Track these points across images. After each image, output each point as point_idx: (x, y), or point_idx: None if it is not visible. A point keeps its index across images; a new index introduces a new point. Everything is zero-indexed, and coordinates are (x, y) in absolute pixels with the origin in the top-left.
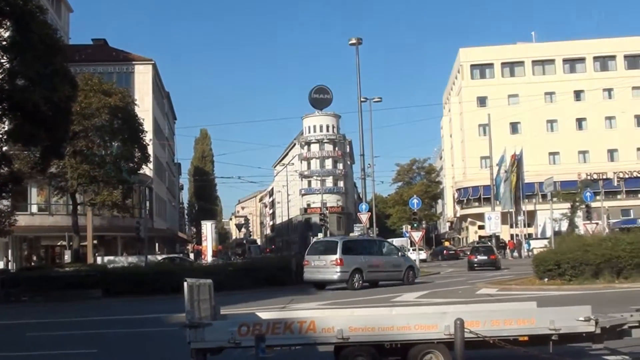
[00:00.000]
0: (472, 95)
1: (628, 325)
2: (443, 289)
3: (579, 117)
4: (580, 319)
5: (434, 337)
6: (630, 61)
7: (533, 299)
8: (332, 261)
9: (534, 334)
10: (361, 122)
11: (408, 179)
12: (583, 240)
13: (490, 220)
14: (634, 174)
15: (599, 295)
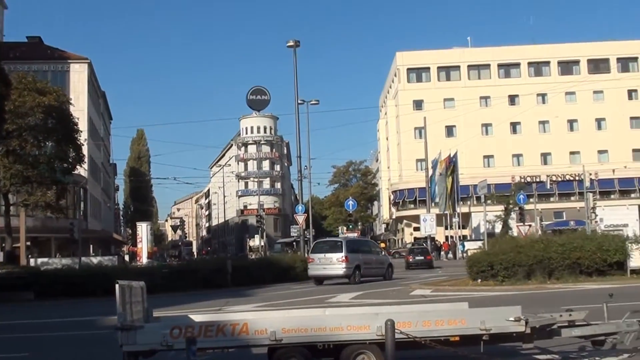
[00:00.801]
0: (408, 99)
1: (557, 325)
2: (378, 290)
3: (513, 121)
4: (511, 319)
5: (366, 338)
6: (564, 67)
7: (466, 299)
8: (338, 259)
9: (465, 334)
10: (298, 124)
11: (344, 180)
12: (516, 242)
13: (425, 222)
14: (567, 177)
15: (531, 295)
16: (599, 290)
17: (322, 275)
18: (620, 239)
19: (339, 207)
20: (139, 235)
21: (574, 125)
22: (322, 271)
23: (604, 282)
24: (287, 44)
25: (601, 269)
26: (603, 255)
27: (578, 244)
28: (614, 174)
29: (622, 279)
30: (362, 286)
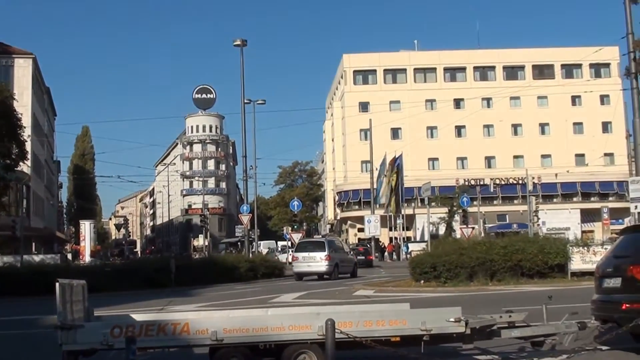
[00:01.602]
0: (354, 101)
1: (497, 326)
2: (321, 290)
3: (458, 124)
4: (451, 320)
5: (307, 338)
6: (509, 72)
7: (408, 300)
8: (322, 257)
9: (405, 335)
10: (244, 124)
11: (290, 181)
12: (459, 244)
13: (369, 223)
14: (510, 181)
15: (473, 297)
16: (539, 292)
17: (306, 272)
18: (561, 242)
19: (284, 208)
20: (82, 233)
21: (518, 129)
22: (307, 268)
23: (545, 284)
24: (234, 43)
25: (542, 272)
26: (544, 257)
27: (520, 247)
28: (557, 178)
29: (562, 281)
30: (307, 286)
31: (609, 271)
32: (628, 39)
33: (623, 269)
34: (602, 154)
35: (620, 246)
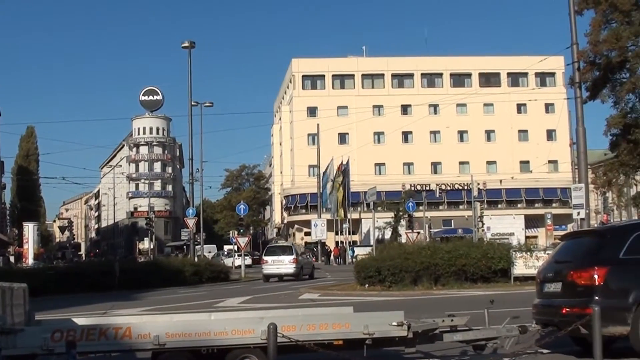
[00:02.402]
0: (302, 105)
1: (440, 330)
2: (267, 294)
3: (405, 130)
4: (394, 323)
5: (250, 342)
6: (456, 79)
7: (353, 304)
8: (290, 260)
9: (348, 338)
10: (191, 126)
11: (237, 184)
12: (404, 249)
13: (316, 227)
14: (456, 187)
15: (417, 301)
16: (482, 297)
17: (275, 273)
18: (505, 248)
19: (231, 211)
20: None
21: (464, 136)
22: (276, 270)
23: (488, 288)
24: (182, 45)
25: (486, 276)
26: (488, 262)
27: (464, 252)
28: (502, 184)
29: (505, 286)
30: (252, 290)
31: (549, 276)
32: (573, 49)
33: (564, 274)
34: (546, 161)
35: (561, 252)
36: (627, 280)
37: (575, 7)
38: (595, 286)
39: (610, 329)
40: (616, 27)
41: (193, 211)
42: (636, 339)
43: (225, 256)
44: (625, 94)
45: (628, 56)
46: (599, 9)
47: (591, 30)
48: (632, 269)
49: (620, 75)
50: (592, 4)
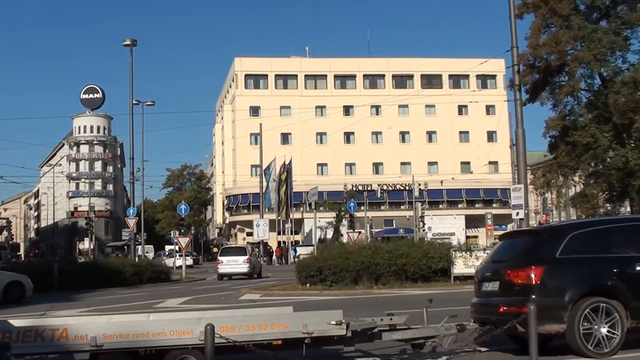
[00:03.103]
0: (245, 105)
1: (379, 328)
2: (207, 295)
3: (347, 131)
4: (332, 322)
5: (189, 343)
6: (398, 80)
7: (293, 304)
8: (244, 260)
9: (287, 338)
10: (132, 125)
11: (179, 184)
12: (345, 248)
13: (258, 227)
14: (397, 187)
15: (358, 300)
16: (422, 296)
17: (230, 272)
18: (445, 247)
19: (172, 211)
20: None
21: (406, 137)
22: (230, 270)
23: (428, 288)
24: (124, 43)
25: (426, 275)
26: (428, 262)
27: (404, 251)
28: (442, 185)
29: (445, 285)
30: (193, 291)
31: (487, 275)
32: (513, 52)
33: (501, 273)
34: (486, 162)
35: (499, 251)
36: (563, 279)
37: (515, 11)
38: (532, 285)
39: (547, 327)
40: (556, 31)
41: (134, 211)
42: (572, 337)
43: (167, 256)
44: (564, 97)
45: (567, 60)
46: (539, 13)
47: (531, 34)
48: (568, 268)
49: (559, 78)
50: (532, 8)
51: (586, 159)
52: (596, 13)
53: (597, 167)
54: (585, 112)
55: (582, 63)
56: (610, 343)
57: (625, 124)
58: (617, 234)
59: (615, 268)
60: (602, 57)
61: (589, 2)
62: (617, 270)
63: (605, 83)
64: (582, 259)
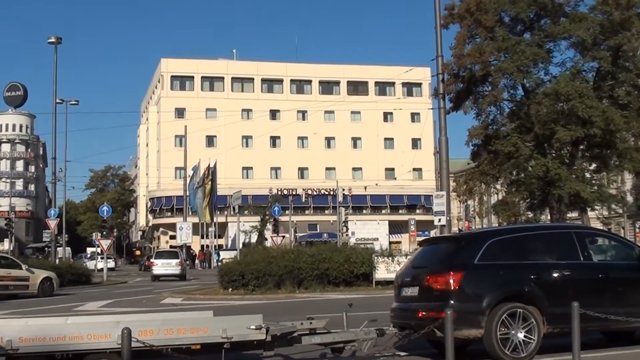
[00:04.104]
0: (170, 106)
1: (298, 333)
2: (128, 298)
3: (273, 135)
4: (252, 327)
5: (106, 347)
6: (325, 86)
7: (215, 308)
8: (177, 262)
9: (206, 342)
10: (55, 124)
11: (102, 185)
12: (268, 252)
13: (182, 230)
14: (322, 192)
15: (280, 304)
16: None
17: (163, 274)
18: (367, 252)
19: (95, 213)
20: None
21: (332, 142)
22: (164, 271)
23: (350, 292)
24: (48, 40)
25: (348, 280)
26: (350, 267)
27: (327, 256)
28: (366, 190)
29: (367, 289)
30: (114, 294)
31: (407, 280)
32: (437, 61)
33: (420, 278)
34: (410, 169)
35: (418, 257)
36: (481, 285)
37: (441, 21)
38: (450, 290)
39: (465, 331)
40: (480, 42)
41: (55, 212)
42: (489, 342)
43: (88, 259)
44: (487, 106)
45: (490, 70)
46: (464, 23)
47: (456, 44)
48: (486, 274)
49: (482, 88)
50: (458, 18)
51: (508, 167)
52: (520, 25)
53: (519, 176)
54: (508, 122)
55: (505, 74)
56: (527, 348)
57: (546, 134)
58: (535, 241)
59: (532, 274)
60: (525, 68)
61: (513, 14)
62: (534, 276)
63: (527, 94)
64: (500, 266)
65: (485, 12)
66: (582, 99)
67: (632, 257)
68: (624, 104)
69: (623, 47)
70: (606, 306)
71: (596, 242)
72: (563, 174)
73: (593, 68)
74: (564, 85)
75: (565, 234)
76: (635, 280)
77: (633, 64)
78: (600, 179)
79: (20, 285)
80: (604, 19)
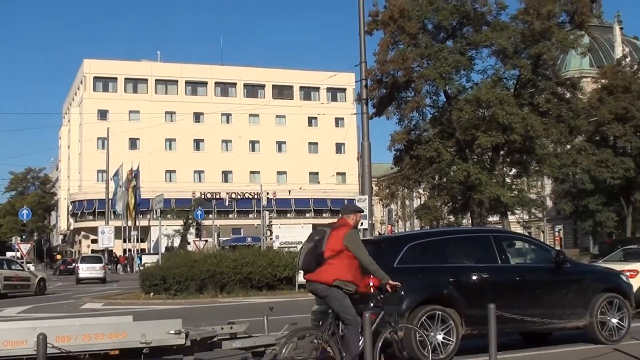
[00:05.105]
0: (93, 108)
1: (219, 337)
2: (48, 304)
3: (197, 138)
4: (171, 332)
5: (22, 354)
6: (249, 90)
7: (136, 313)
8: (100, 267)
9: (125, 348)
10: None
11: (22, 188)
12: (190, 257)
13: (103, 234)
14: (246, 195)
15: (202, 309)
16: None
17: (88, 277)
18: (290, 256)
19: (14, 216)
20: None
21: (256, 146)
22: (89, 274)
23: (273, 296)
24: None
25: (271, 284)
26: (273, 270)
27: (250, 260)
28: (290, 194)
29: (290, 293)
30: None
31: None
32: (361, 67)
33: None
34: (334, 173)
35: None
36: (400, 288)
37: (365, 28)
38: (370, 294)
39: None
40: (403, 49)
41: None
42: (409, 343)
43: None
44: (410, 112)
45: (413, 76)
46: (388, 30)
47: (380, 50)
48: (405, 277)
49: (405, 94)
50: (382, 25)
51: (430, 172)
52: (443, 33)
53: (440, 180)
54: (430, 127)
55: (427, 80)
56: (446, 349)
57: (468, 140)
58: (453, 245)
59: (451, 277)
60: (447, 75)
61: (436, 22)
62: (453, 279)
63: (449, 100)
64: (419, 269)
65: (408, 20)
66: (503, 105)
67: (549, 260)
68: (544, 111)
69: (543, 56)
70: (523, 308)
71: (514, 246)
72: (484, 179)
73: (514, 76)
74: (485, 92)
75: (483, 237)
76: (551, 282)
77: (553, 72)
78: (521, 183)
79: (25, 285)
80: (525, 28)
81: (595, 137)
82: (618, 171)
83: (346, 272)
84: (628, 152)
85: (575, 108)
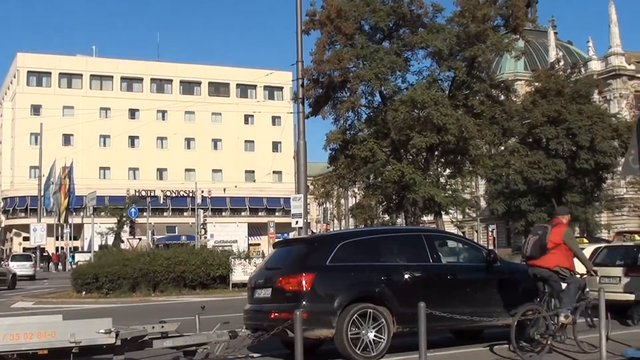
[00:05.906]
0: (26, 102)
1: (150, 336)
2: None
3: (132, 134)
4: (101, 331)
5: None
6: (186, 87)
7: (68, 312)
8: (30, 265)
9: (54, 347)
10: None
11: None
12: (122, 255)
13: (35, 231)
14: (181, 193)
15: (134, 308)
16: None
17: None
18: (224, 255)
19: None
20: None
21: (192, 143)
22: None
23: (207, 295)
24: None
25: (205, 283)
26: (207, 269)
27: (183, 258)
28: (226, 192)
29: (224, 292)
30: None
31: (260, 282)
32: (298, 66)
33: (273, 280)
34: (270, 172)
35: (272, 259)
36: (332, 286)
37: (302, 27)
38: (302, 292)
39: (317, 332)
40: (340, 49)
41: None
42: (340, 341)
43: None
44: (345, 112)
45: (349, 76)
46: (325, 30)
47: (316, 50)
48: (337, 275)
49: (341, 94)
50: (319, 25)
51: (364, 171)
52: (379, 34)
53: (375, 180)
54: (365, 127)
55: (363, 80)
56: (377, 347)
57: (402, 140)
58: (385, 244)
59: (382, 276)
60: (383, 76)
61: (373, 23)
62: (385, 277)
63: (384, 101)
64: (351, 267)
65: (345, 20)
66: (438, 106)
67: (480, 259)
68: (478, 112)
69: (478, 58)
70: (454, 306)
71: (446, 245)
72: (418, 179)
73: (449, 77)
74: (420, 93)
75: (415, 236)
76: (482, 281)
77: (487, 74)
78: (454, 184)
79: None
80: (461, 30)
81: (528, 139)
82: (550, 173)
83: (564, 261)
84: (560, 154)
85: (508, 110)
